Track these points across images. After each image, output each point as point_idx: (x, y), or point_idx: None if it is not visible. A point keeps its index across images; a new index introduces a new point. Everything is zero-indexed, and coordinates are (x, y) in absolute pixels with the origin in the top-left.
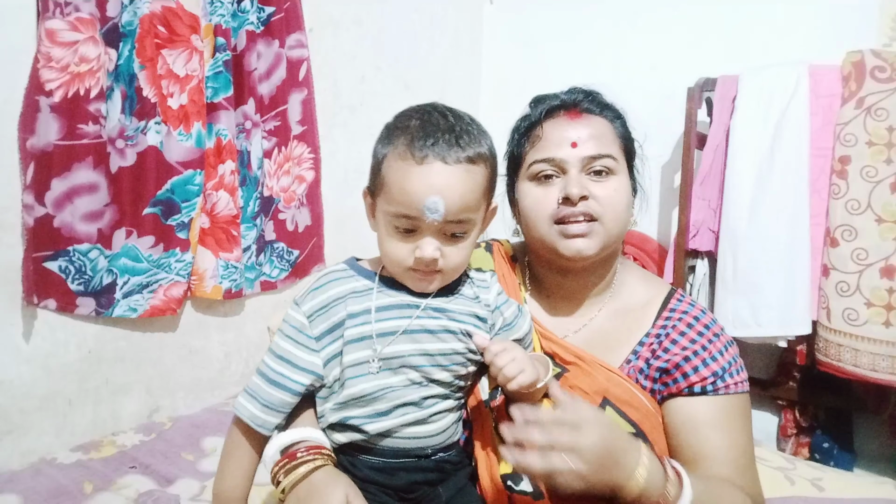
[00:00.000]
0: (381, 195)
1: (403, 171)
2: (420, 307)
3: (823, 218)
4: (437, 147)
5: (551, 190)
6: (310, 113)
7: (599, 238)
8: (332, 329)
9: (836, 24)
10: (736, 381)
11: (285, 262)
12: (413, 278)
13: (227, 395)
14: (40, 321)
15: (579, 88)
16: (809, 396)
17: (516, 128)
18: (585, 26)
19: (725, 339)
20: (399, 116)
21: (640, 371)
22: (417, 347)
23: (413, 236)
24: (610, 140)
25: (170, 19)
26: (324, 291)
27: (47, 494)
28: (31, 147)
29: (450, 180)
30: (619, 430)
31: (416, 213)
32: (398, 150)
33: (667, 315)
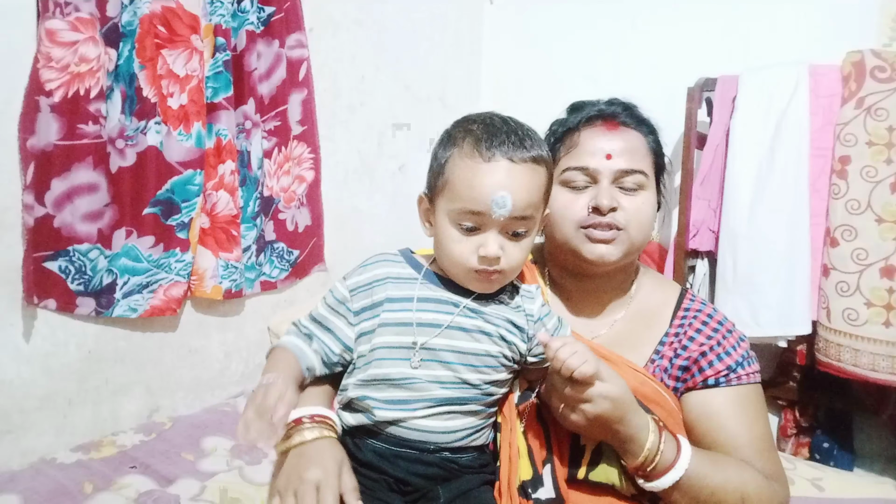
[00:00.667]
0: (443, 195)
1: (471, 169)
2: (460, 305)
3: (823, 218)
4: (503, 146)
5: (581, 197)
6: (310, 113)
7: (623, 246)
8: (371, 307)
9: (836, 24)
10: (748, 373)
11: (285, 262)
12: (475, 279)
13: (227, 395)
14: (40, 321)
15: (619, 101)
16: (809, 396)
17: (552, 131)
18: (586, 26)
19: (738, 335)
20: (459, 123)
21: (664, 370)
22: (451, 344)
23: (476, 234)
24: (642, 155)
25: (170, 19)
26: (370, 270)
27: (47, 494)
28: (31, 147)
29: (517, 177)
30: (630, 393)
31: (483, 208)
32: (464, 150)
33: (682, 314)
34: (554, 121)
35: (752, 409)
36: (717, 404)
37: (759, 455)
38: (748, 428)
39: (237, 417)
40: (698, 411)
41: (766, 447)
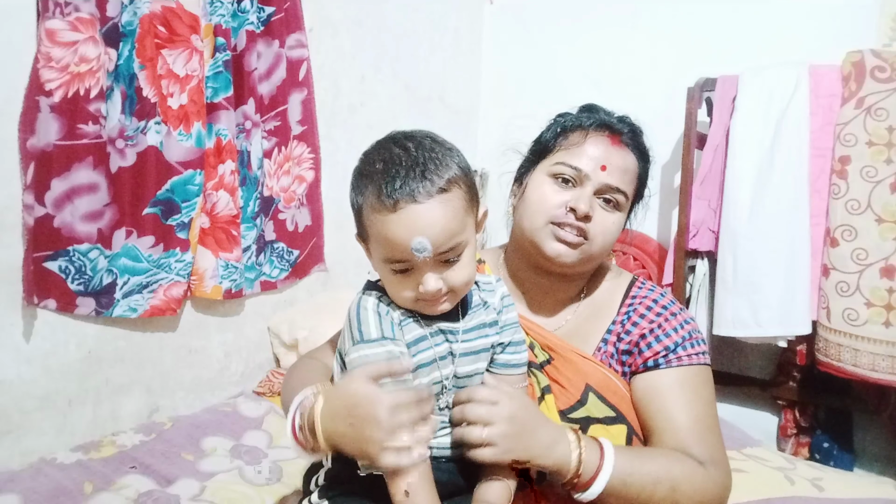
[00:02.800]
0: (369, 241)
1: (381, 223)
2: (459, 332)
3: (823, 218)
4: (405, 188)
5: (562, 194)
6: (310, 113)
7: (582, 254)
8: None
9: (836, 24)
10: (689, 354)
11: (285, 262)
12: (425, 307)
13: (227, 395)
14: (40, 321)
15: (629, 122)
16: (809, 396)
17: (559, 122)
18: (586, 26)
19: (682, 318)
20: (364, 161)
21: (611, 356)
22: (465, 370)
23: (412, 273)
24: (630, 178)
25: (170, 19)
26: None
27: (47, 494)
28: (31, 147)
29: (427, 217)
30: (538, 411)
31: (406, 256)
32: (370, 202)
33: (629, 302)
34: (564, 112)
35: (691, 391)
36: (656, 386)
37: (697, 439)
38: (686, 410)
39: (237, 417)
40: (641, 394)
41: (704, 431)
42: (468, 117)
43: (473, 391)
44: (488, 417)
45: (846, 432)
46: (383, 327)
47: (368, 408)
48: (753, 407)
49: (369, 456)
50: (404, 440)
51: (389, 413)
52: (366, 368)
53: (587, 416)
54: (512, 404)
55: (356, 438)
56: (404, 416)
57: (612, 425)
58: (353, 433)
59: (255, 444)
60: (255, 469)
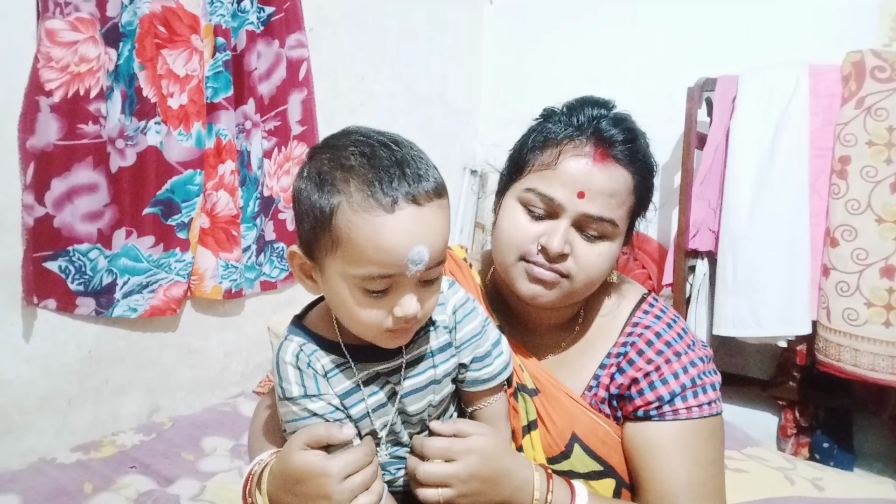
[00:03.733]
0: (334, 256)
1: (371, 225)
2: (399, 371)
3: (823, 218)
4: (403, 186)
5: (534, 227)
6: (310, 113)
7: (562, 293)
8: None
9: (836, 24)
10: (689, 406)
11: (285, 262)
12: (389, 338)
13: (227, 395)
14: (40, 321)
15: (626, 123)
16: (809, 396)
17: (536, 130)
18: (586, 26)
19: (687, 360)
20: (327, 156)
21: (602, 400)
22: (409, 409)
23: (386, 295)
24: (620, 201)
25: (170, 19)
26: (310, 368)
27: (47, 494)
28: (31, 147)
29: (428, 223)
30: (504, 456)
31: (396, 269)
32: (355, 200)
33: (629, 330)
34: (547, 112)
35: (687, 451)
36: (647, 439)
37: (693, 501)
38: (680, 472)
39: (237, 417)
40: (629, 444)
41: (698, 497)
42: (468, 117)
43: (427, 444)
44: (441, 479)
45: (846, 432)
46: (305, 382)
47: (315, 481)
48: (753, 407)
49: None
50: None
51: (339, 483)
52: (301, 436)
53: (570, 470)
54: (468, 461)
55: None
56: (356, 480)
57: (597, 480)
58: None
59: None
60: None
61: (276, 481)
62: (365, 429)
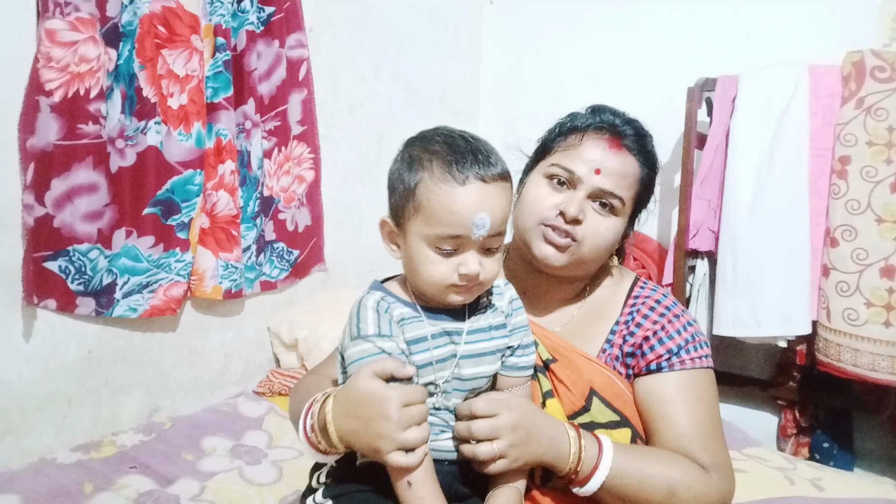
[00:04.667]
0: (416, 220)
1: (448, 194)
2: (462, 333)
3: (823, 218)
4: (474, 167)
5: (555, 196)
6: (310, 113)
7: (571, 257)
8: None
9: (836, 24)
10: (692, 357)
11: (285, 262)
12: (454, 293)
13: (227, 395)
14: (40, 321)
15: (636, 124)
16: (809, 396)
17: (563, 123)
18: (586, 26)
19: (685, 320)
20: (416, 143)
21: (616, 358)
22: (464, 372)
23: (453, 255)
24: (629, 183)
25: (170, 19)
26: (383, 314)
27: (47, 494)
28: (31, 147)
29: (492, 197)
30: (537, 411)
31: (463, 231)
32: (436, 174)
33: (632, 302)
34: (572, 113)
35: (694, 395)
36: (659, 390)
37: (700, 444)
38: (689, 415)
39: (237, 417)
40: (643, 397)
41: (707, 435)
42: (468, 117)
43: (473, 405)
44: (493, 432)
45: (846, 432)
46: (381, 324)
47: (378, 404)
48: (753, 407)
49: (380, 451)
50: (414, 434)
51: (398, 409)
52: (371, 366)
53: (591, 421)
54: (511, 413)
55: (367, 435)
56: (413, 411)
57: (615, 429)
58: (365, 430)
59: (255, 444)
60: (255, 469)
61: (340, 406)
62: (426, 377)
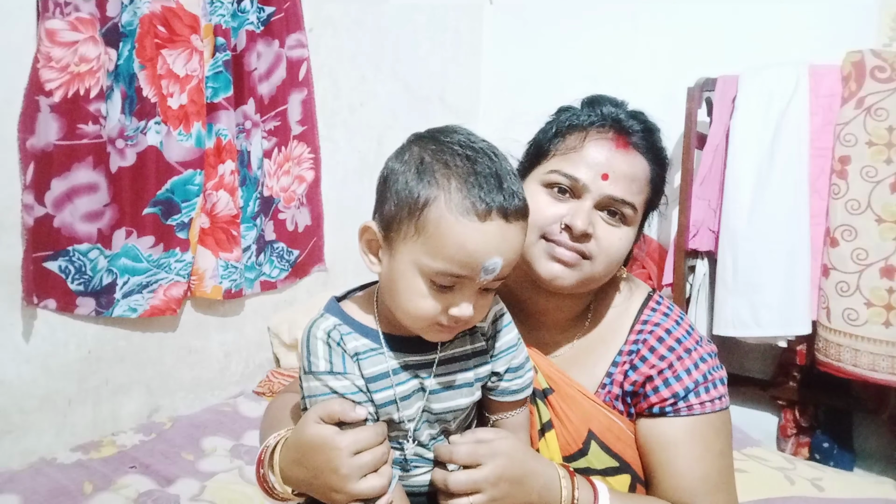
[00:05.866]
0: (414, 243)
1: (463, 227)
2: (432, 366)
3: (823, 218)
4: (497, 200)
5: (557, 206)
6: (310, 113)
7: (582, 275)
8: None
9: (836, 24)
10: (703, 401)
11: (285, 262)
12: (435, 332)
13: (227, 395)
14: (40, 321)
15: (643, 117)
16: (809, 396)
17: (560, 120)
18: (586, 26)
19: (697, 356)
20: (432, 148)
21: (616, 397)
22: (435, 407)
23: (447, 292)
24: (640, 187)
25: (170, 19)
26: (340, 346)
27: (47, 494)
28: (31, 147)
29: (510, 239)
30: (527, 457)
31: (469, 272)
32: (453, 200)
33: (639, 328)
34: (565, 107)
35: (702, 443)
36: (662, 435)
37: (704, 498)
38: (694, 465)
39: (237, 417)
40: (644, 440)
41: (712, 489)
42: (468, 117)
43: (454, 451)
44: (472, 486)
45: (846, 432)
46: (332, 359)
47: (325, 454)
48: (753, 407)
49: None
50: (370, 483)
51: (348, 458)
52: (316, 410)
53: (587, 467)
54: (496, 463)
55: (319, 487)
56: (367, 458)
57: (613, 476)
58: (316, 481)
59: (255, 444)
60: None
61: (290, 454)
62: (389, 416)
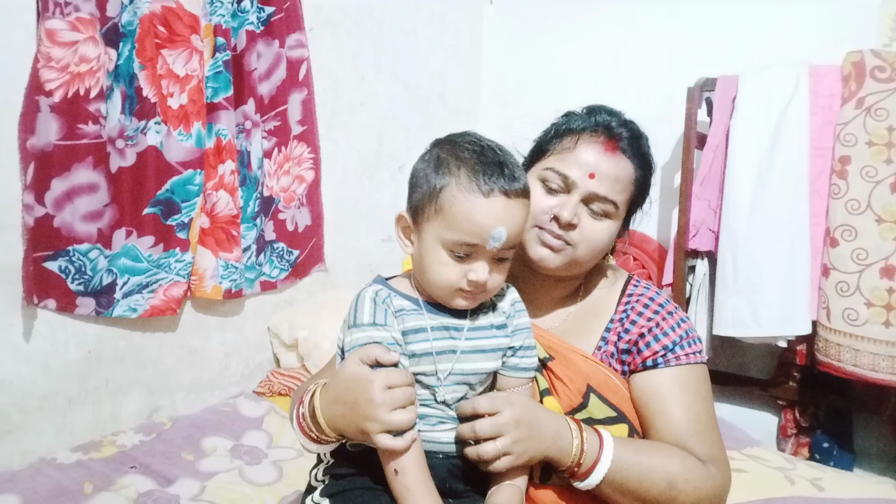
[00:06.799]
0: (436, 221)
1: (471, 203)
2: (463, 329)
3: (823, 218)
4: (500, 181)
5: (549, 199)
6: (310, 113)
7: (567, 259)
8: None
9: (836, 24)
10: (687, 353)
11: (285, 262)
12: (459, 297)
13: (227, 395)
14: (40, 321)
15: (632, 126)
16: (809, 396)
17: (559, 124)
18: (586, 26)
19: (678, 317)
20: (446, 147)
21: (611, 356)
22: (464, 367)
23: (465, 261)
24: (623, 186)
25: (170, 19)
26: (381, 305)
27: (47, 494)
28: (31, 147)
29: (511, 212)
30: (538, 407)
31: (479, 241)
32: (462, 182)
33: (625, 300)
34: (568, 112)
35: (690, 390)
36: (655, 385)
37: (697, 437)
38: (685, 409)
39: (237, 417)
40: (640, 393)
41: (703, 429)
42: (468, 117)
43: (475, 402)
44: (497, 429)
45: (846, 432)
46: (376, 314)
47: (363, 388)
48: (753, 407)
49: (367, 434)
50: (400, 416)
51: (382, 391)
52: (357, 352)
53: (588, 417)
54: (514, 410)
55: (354, 418)
56: (397, 393)
57: (613, 425)
58: (351, 413)
59: (255, 444)
60: (255, 469)
61: (329, 394)
62: (426, 366)
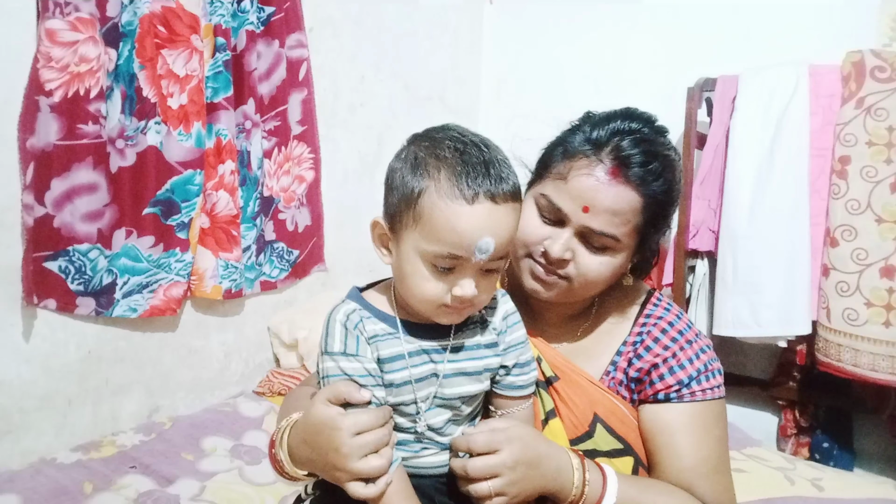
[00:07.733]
0: (414, 231)
1: (453, 212)
2: (444, 352)
3: (823, 218)
4: (485, 184)
5: (543, 229)
6: (310, 113)
7: (561, 293)
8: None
9: (836, 24)
10: (704, 389)
11: (285, 262)
12: (443, 313)
13: (227, 395)
14: (40, 321)
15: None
16: (809, 396)
17: (562, 137)
18: (586, 26)
19: (698, 347)
20: (424, 144)
21: (619, 383)
22: (446, 392)
23: (449, 274)
24: (626, 219)
25: (170, 19)
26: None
27: (47, 494)
28: (31, 147)
29: (499, 219)
30: (540, 442)
31: (463, 253)
32: (443, 187)
33: (642, 321)
34: (584, 117)
35: (702, 428)
36: (666, 420)
37: (705, 479)
38: (696, 448)
39: (237, 417)
40: (648, 425)
41: (712, 471)
42: (468, 117)
43: (471, 441)
44: (491, 470)
45: (846, 432)
46: (347, 342)
47: (327, 435)
48: (753, 407)
49: (338, 483)
50: (371, 464)
51: (350, 438)
52: (325, 391)
53: (593, 448)
54: (512, 448)
55: (323, 465)
56: (368, 438)
57: (617, 458)
58: (320, 460)
59: (255, 444)
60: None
61: (298, 434)
62: (406, 395)
